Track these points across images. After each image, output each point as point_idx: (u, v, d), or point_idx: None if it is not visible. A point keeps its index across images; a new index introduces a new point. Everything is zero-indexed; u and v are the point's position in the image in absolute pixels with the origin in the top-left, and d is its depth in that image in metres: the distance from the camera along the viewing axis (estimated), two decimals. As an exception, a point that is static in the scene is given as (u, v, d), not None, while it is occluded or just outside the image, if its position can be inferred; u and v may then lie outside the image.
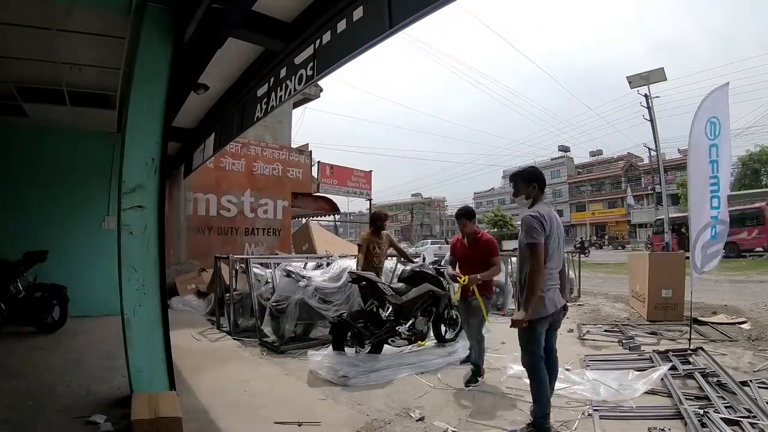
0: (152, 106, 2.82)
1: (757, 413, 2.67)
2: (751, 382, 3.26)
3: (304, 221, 12.59)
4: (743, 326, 5.49)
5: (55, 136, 5.78)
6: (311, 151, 11.21)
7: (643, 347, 4.54)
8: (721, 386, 3.22)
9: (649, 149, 25.66)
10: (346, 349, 4.02)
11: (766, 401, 2.82)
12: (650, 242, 21.56)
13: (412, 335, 4.32)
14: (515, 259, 7.92)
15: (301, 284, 4.73)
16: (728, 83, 5.03)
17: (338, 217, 20.57)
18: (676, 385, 3.26)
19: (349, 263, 5.23)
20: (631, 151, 44.78)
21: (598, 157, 51.70)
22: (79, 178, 5.91)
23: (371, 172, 16.82)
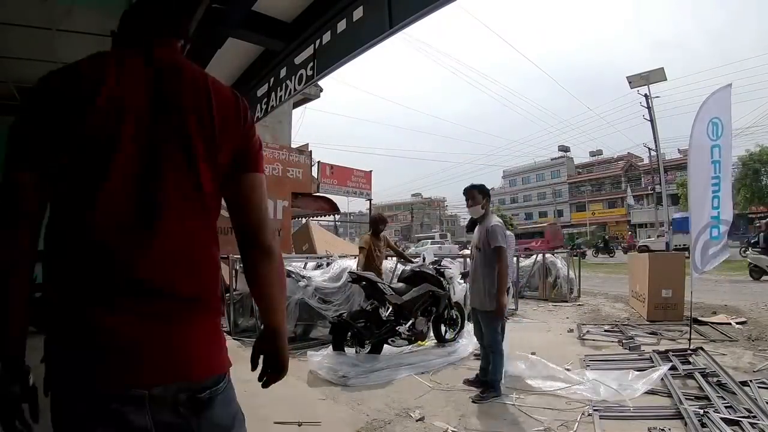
0: (152, 106, 2.81)
1: (757, 413, 2.67)
2: (751, 382, 3.26)
3: (304, 221, 12.57)
4: (742, 326, 5.50)
5: (55, 136, 5.78)
6: (311, 151, 11.17)
7: (643, 347, 4.54)
8: (721, 386, 3.22)
9: (649, 149, 25.73)
10: (346, 349, 4.03)
11: (766, 401, 2.82)
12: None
13: (412, 335, 4.33)
14: (514, 259, 8.00)
15: (301, 284, 4.74)
16: (731, 84, 5.03)
17: (338, 217, 20.53)
18: (676, 385, 3.27)
19: (349, 263, 5.24)
20: (631, 151, 44.89)
21: (598, 157, 51.73)
22: (79, 178, 5.91)
23: (371, 172, 16.79)
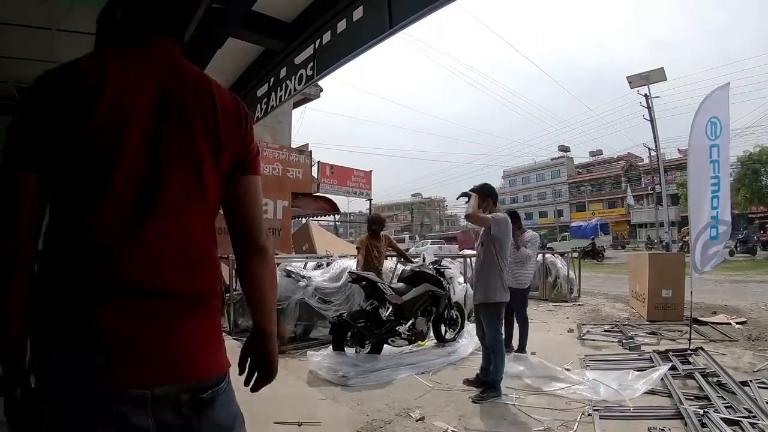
0: (152, 106, 2.81)
1: (757, 413, 2.67)
2: (751, 382, 3.26)
3: (304, 221, 12.57)
4: (742, 326, 5.50)
5: (55, 136, 5.78)
6: (311, 151, 11.18)
7: (643, 347, 4.54)
8: (721, 386, 3.22)
9: (649, 149, 25.70)
10: (346, 349, 4.03)
11: (766, 401, 2.82)
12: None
13: (412, 335, 4.33)
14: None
15: (301, 284, 4.73)
16: (729, 83, 5.04)
17: (338, 217, 20.54)
18: (676, 385, 3.27)
19: (349, 263, 5.23)
20: (631, 151, 44.82)
21: (598, 157, 51.69)
22: (79, 178, 5.91)
23: (371, 172, 16.82)
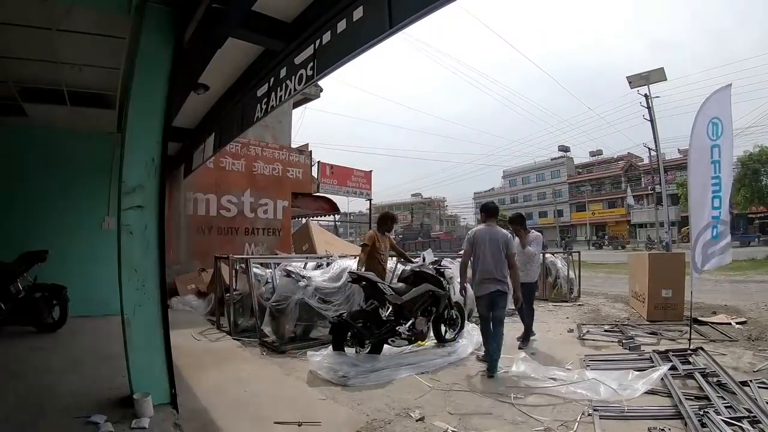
0: (152, 106, 2.81)
1: (757, 413, 2.67)
2: (751, 382, 3.26)
3: (304, 221, 12.57)
4: (742, 326, 5.50)
5: (55, 136, 5.78)
6: (311, 151, 11.18)
7: (643, 347, 4.54)
8: (721, 386, 3.22)
9: (649, 149, 25.67)
10: (346, 349, 4.02)
11: (766, 401, 2.82)
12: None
13: (412, 335, 4.32)
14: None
15: (301, 284, 4.73)
16: (730, 84, 5.03)
17: (338, 217, 20.56)
18: (676, 385, 3.27)
19: (349, 263, 5.22)
20: (631, 151, 44.85)
21: (598, 157, 51.70)
22: (79, 178, 5.91)
23: (371, 172, 16.79)
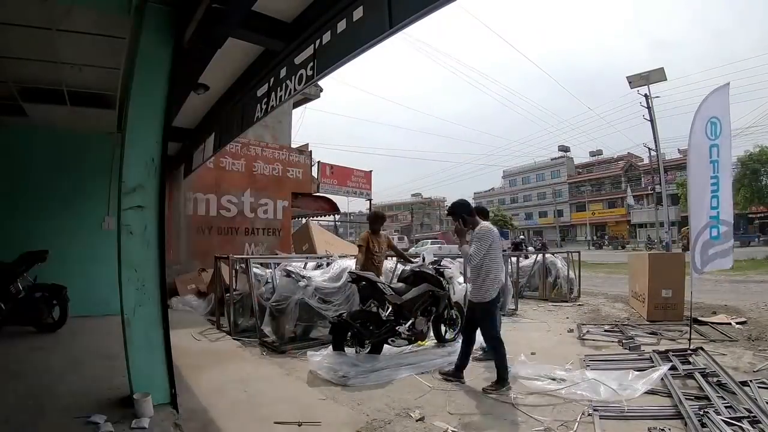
0: (152, 106, 2.81)
1: (757, 413, 2.67)
2: (751, 382, 3.26)
3: (304, 221, 12.57)
4: (742, 326, 5.50)
5: (55, 136, 5.78)
6: (311, 151, 11.19)
7: (643, 347, 4.54)
8: (721, 386, 3.22)
9: (649, 149, 25.67)
10: (346, 349, 4.02)
11: (766, 401, 2.83)
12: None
13: (412, 335, 4.32)
14: (514, 259, 8.02)
15: (301, 284, 4.73)
16: (728, 83, 5.03)
17: (338, 217, 20.57)
18: (676, 385, 3.27)
19: (349, 263, 5.22)
20: (631, 151, 44.88)
21: (598, 157, 51.71)
22: (79, 178, 5.91)
23: (371, 172, 16.85)
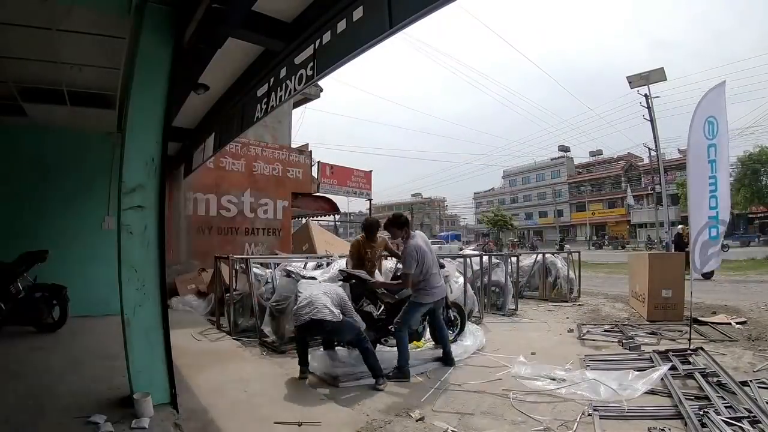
0: (152, 106, 2.81)
1: (757, 413, 2.67)
2: (751, 382, 3.26)
3: (304, 221, 12.57)
4: (742, 326, 5.50)
5: (55, 136, 5.78)
6: (311, 151, 11.17)
7: (643, 347, 4.55)
8: (721, 386, 3.22)
9: (649, 149, 25.69)
10: (338, 348, 4.01)
11: (766, 401, 2.83)
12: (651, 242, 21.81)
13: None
14: (514, 259, 8.03)
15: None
16: (724, 81, 5.02)
17: (338, 217, 20.56)
18: (676, 385, 3.27)
19: (349, 263, 5.22)
20: (631, 151, 44.91)
21: (598, 157, 51.72)
22: (79, 178, 5.91)
23: (371, 172, 16.83)
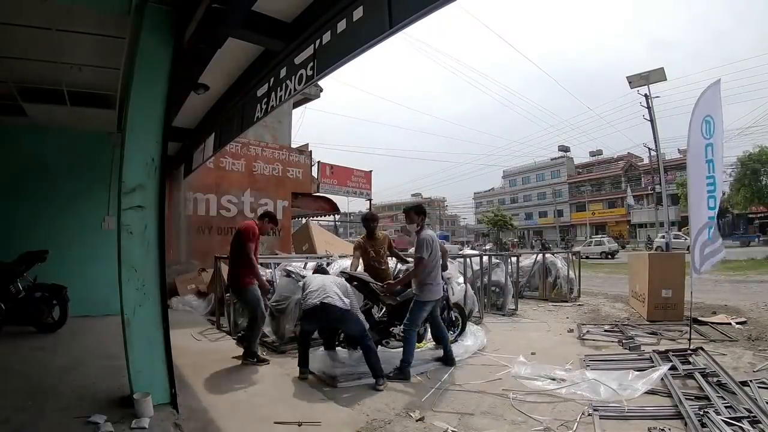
0: (152, 106, 2.81)
1: (757, 413, 2.67)
2: (751, 382, 3.26)
3: (304, 221, 12.57)
4: (742, 326, 5.50)
5: (55, 136, 5.78)
6: (311, 151, 11.18)
7: (643, 347, 4.55)
8: (721, 386, 3.22)
9: (649, 149, 25.68)
10: (339, 350, 4.01)
11: (766, 401, 2.83)
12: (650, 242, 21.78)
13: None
14: (514, 259, 8.03)
15: (301, 284, 4.71)
16: (719, 80, 4.98)
17: (338, 217, 20.56)
18: (676, 385, 3.27)
19: (349, 263, 5.21)
20: (631, 151, 44.88)
21: (598, 157, 51.69)
22: (79, 178, 5.91)
23: (371, 172, 16.84)
